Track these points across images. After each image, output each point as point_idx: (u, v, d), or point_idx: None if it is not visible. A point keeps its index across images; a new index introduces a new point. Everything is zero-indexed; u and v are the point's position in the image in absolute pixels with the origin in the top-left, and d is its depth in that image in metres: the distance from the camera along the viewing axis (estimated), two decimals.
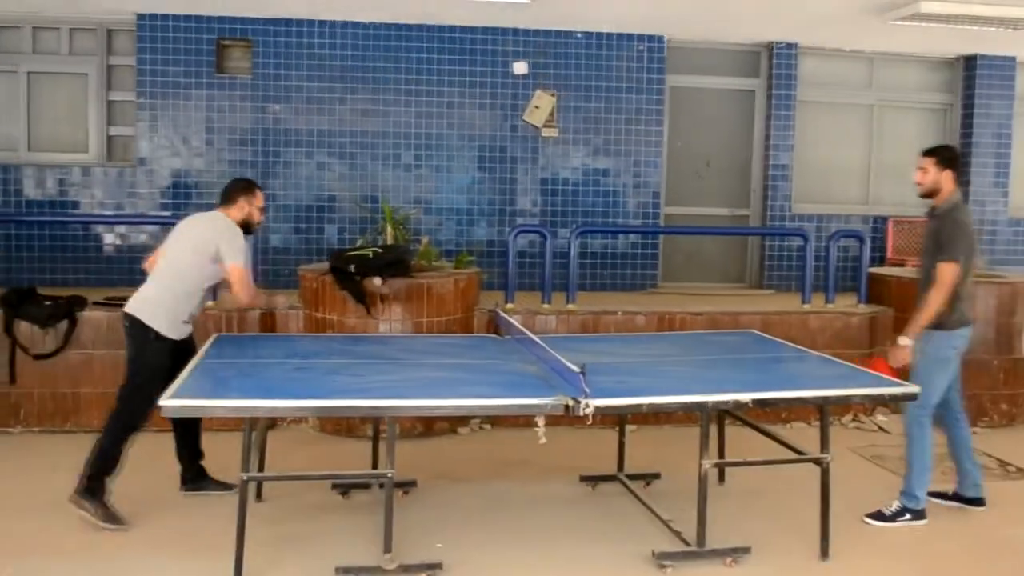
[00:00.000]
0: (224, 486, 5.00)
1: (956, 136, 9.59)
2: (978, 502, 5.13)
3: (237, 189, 4.91)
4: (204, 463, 5.11)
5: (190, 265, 4.70)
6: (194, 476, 5.09)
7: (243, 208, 4.84)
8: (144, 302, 4.71)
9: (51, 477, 5.29)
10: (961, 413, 5.12)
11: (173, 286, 4.71)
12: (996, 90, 9.40)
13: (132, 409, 4.62)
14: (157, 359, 4.63)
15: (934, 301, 4.74)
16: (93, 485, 4.53)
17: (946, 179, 4.87)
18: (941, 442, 5.11)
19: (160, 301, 4.69)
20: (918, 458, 4.89)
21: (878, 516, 4.92)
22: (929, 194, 4.93)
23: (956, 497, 5.17)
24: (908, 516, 4.89)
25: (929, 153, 4.95)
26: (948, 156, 4.92)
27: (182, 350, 4.71)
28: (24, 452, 5.88)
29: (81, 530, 4.46)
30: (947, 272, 4.72)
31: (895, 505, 4.93)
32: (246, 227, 4.86)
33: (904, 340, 4.79)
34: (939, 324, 4.80)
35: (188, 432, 5.03)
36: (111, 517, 4.50)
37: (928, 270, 4.85)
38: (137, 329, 4.67)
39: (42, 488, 5.10)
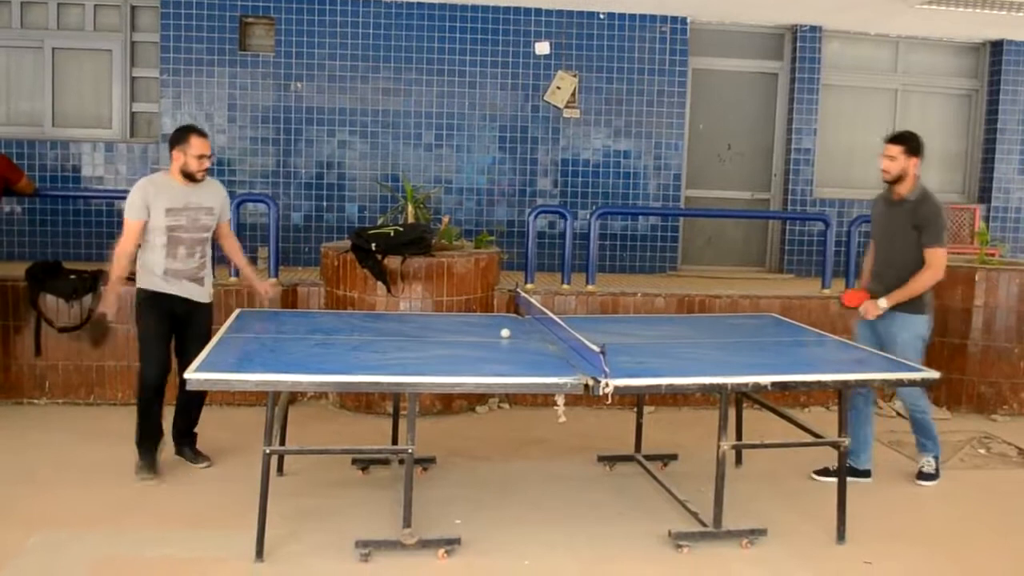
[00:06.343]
0: (201, 458, 5.23)
1: (981, 122, 9.51)
2: (866, 473, 5.27)
3: (171, 141, 4.97)
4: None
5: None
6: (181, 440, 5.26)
7: (177, 159, 4.91)
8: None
9: (76, 449, 5.39)
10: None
11: (140, 248, 4.98)
12: (1022, 76, 9.29)
13: (140, 372, 4.96)
14: (145, 315, 4.93)
15: (926, 282, 4.98)
16: (140, 448, 4.95)
17: (912, 166, 5.04)
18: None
19: (138, 264, 4.99)
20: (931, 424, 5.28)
21: (929, 477, 5.24)
22: (895, 181, 5.06)
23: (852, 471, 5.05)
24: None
25: (897, 141, 5.06)
26: (916, 144, 5.05)
27: (180, 320, 5.00)
28: (49, 423, 5.96)
29: (105, 502, 4.54)
30: (940, 257, 4.97)
31: (932, 464, 5.27)
32: (189, 176, 4.94)
33: (884, 303, 5.02)
34: (919, 309, 5.04)
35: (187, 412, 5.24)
36: (143, 468, 4.90)
37: (900, 253, 5.04)
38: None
39: (67, 459, 5.20)
